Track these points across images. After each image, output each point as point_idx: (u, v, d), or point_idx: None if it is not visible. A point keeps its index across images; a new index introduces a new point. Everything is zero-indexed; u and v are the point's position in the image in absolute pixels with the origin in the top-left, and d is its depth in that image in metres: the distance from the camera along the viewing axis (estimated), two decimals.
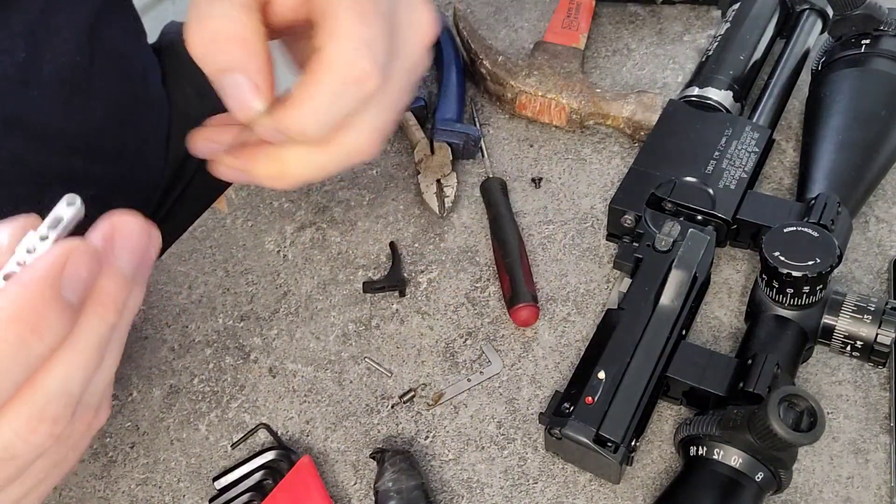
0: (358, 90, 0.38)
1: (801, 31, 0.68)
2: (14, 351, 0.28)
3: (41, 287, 0.28)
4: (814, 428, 0.42)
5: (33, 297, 0.28)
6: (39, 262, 0.28)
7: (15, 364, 0.28)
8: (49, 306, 0.28)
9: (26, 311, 0.28)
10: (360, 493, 0.53)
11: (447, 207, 0.63)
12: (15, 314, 0.27)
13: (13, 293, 0.28)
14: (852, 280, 0.58)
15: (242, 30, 0.39)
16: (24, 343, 0.28)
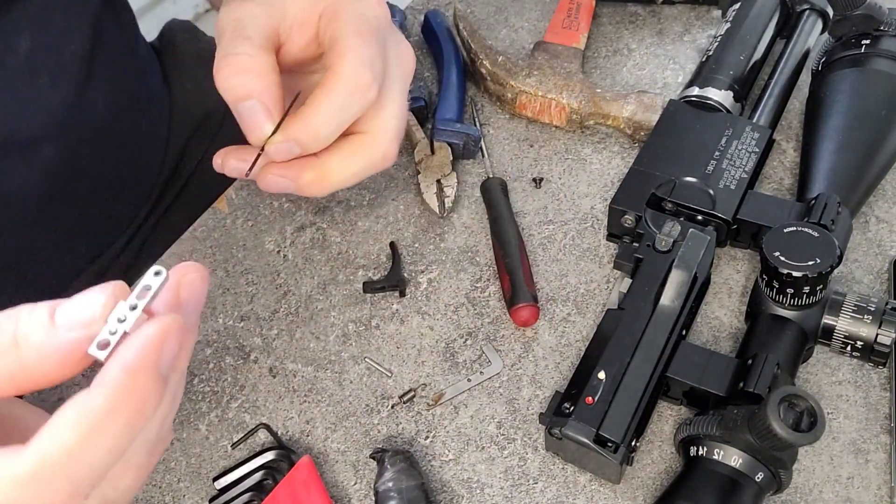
0: (361, 98, 0.46)
1: (801, 31, 0.68)
2: (123, 434, 0.30)
3: (147, 373, 0.30)
4: (814, 428, 0.42)
5: (140, 383, 0.30)
6: (141, 344, 0.30)
7: (124, 444, 0.30)
8: (153, 390, 0.30)
9: (135, 398, 0.30)
10: (360, 493, 0.53)
11: (447, 207, 0.63)
12: (125, 402, 0.29)
13: (120, 380, 0.29)
14: (852, 280, 0.58)
15: (260, 65, 0.47)
16: (131, 427, 0.30)
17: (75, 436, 0.29)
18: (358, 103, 0.47)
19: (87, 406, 0.29)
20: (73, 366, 0.30)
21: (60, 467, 0.29)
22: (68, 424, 0.29)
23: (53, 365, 0.30)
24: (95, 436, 0.29)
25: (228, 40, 0.48)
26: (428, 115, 0.70)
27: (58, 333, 0.30)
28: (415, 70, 0.54)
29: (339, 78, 0.46)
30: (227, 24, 0.49)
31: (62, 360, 0.30)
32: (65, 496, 0.29)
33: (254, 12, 0.49)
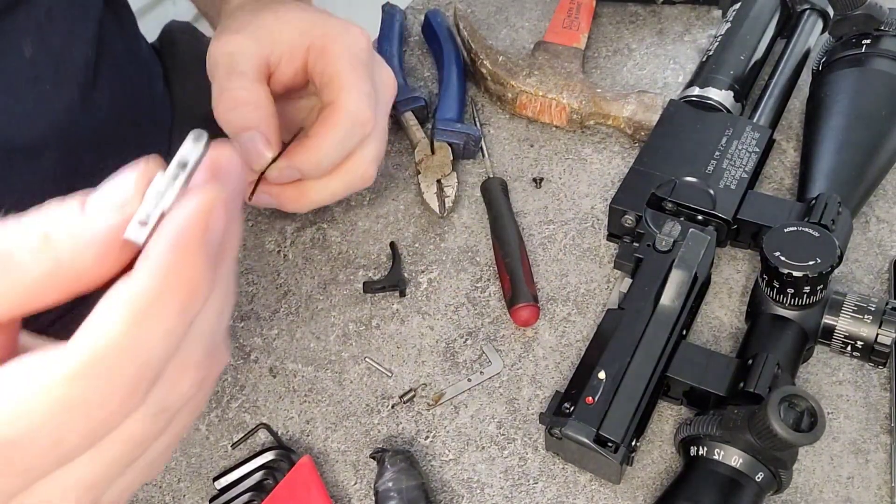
0: (361, 131, 0.52)
1: (801, 31, 0.67)
2: (177, 321, 0.27)
3: (195, 250, 0.26)
4: (814, 428, 0.42)
5: (189, 260, 0.26)
6: (185, 217, 0.26)
7: (179, 332, 0.27)
8: (204, 269, 0.27)
9: (185, 278, 0.26)
10: (361, 493, 0.53)
11: (447, 207, 0.63)
12: (175, 283, 0.26)
13: (166, 258, 0.26)
14: (853, 280, 0.58)
15: (256, 98, 0.51)
16: (184, 312, 0.27)
17: (125, 324, 0.26)
18: (358, 136, 0.52)
19: (134, 291, 0.26)
20: (112, 257, 0.27)
21: (113, 360, 0.25)
22: (116, 312, 0.26)
23: (91, 259, 0.26)
24: (147, 322, 0.26)
25: (224, 76, 0.52)
26: (428, 115, 0.70)
27: (90, 221, 0.26)
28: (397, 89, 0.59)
29: (341, 114, 0.51)
30: (219, 58, 0.53)
31: (100, 252, 0.26)
32: (120, 394, 0.26)
33: (245, 46, 0.52)
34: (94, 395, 0.25)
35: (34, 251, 0.26)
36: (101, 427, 0.26)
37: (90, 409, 0.26)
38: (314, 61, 0.53)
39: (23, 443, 0.25)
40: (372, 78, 0.53)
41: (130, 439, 0.28)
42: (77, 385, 0.25)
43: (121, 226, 0.27)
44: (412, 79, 0.74)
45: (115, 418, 0.27)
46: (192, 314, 0.27)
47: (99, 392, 0.26)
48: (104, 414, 0.26)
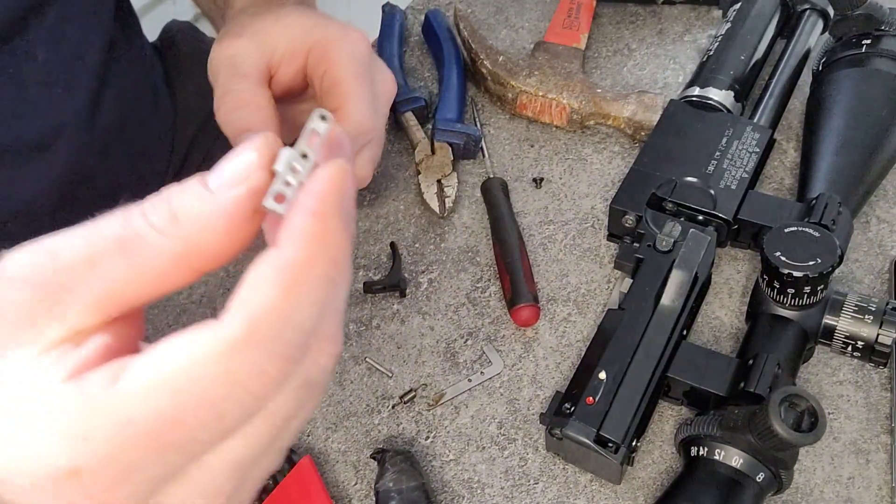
0: (363, 138, 0.51)
1: (801, 31, 0.67)
2: (324, 289, 0.27)
3: (337, 219, 0.27)
4: (815, 428, 0.42)
5: (332, 229, 0.27)
6: (324, 187, 0.27)
7: (326, 300, 0.27)
8: (344, 238, 0.27)
9: (330, 247, 0.26)
10: (361, 494, 0.53)
11: (448, 207, 0.63)
12: (321, 252, 0.26)
13: (312, 228, 0.26)
14: (853, 280, 0.58)
15: (258, 99, 0.50)
16: (330, 280, 0.27)
17: (280, 292, 0.25)
18: (359, 144, 0.52)
19: (283, 260, 0.26)
20: (240, 230, 0.27)
21: (271, 327, 0.25)
22: (269, 282, 0.26)
23: (220, 233, 0.27)
24: (299, 291, 0.26)
25: (225, 78, 0.51)
26: (428, 115, 0.70)
27: (217, 196, 0.27)
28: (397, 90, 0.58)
29: (346, 122, 0.51)
30: (221, 61, 0.52)
31: (229, 225, 0.27)
32: (279, 363, 0.26)
33: (246, 48, 0.52)
34: (254, 366, 0.25)
35: (163, 234, 0.26)
36: (259, 399, 0.26)
37: (251, 379, 0.25)
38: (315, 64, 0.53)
39: (186, 417, 0.25)
40: (373, 83, 0.53)
41: (277, 414, 0.27)
42: (238, 356, 0.25)
43: (248, 199, 0.27)
44: (412, 79, 0.74)
45: (272, 389, 0.26)
46: (335, 283, 0.27)
47: (259, 362, 0.25)
48: (264, 384, 0.26)
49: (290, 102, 0.58)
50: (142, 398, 0.25)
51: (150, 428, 0.25)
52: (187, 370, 0.25)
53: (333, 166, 0.27)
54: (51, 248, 0.27)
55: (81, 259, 0.26)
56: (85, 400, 0.25)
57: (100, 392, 0.25)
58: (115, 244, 0.26)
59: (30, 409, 0.25)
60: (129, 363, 0.26)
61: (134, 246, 0.26)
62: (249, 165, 0.27)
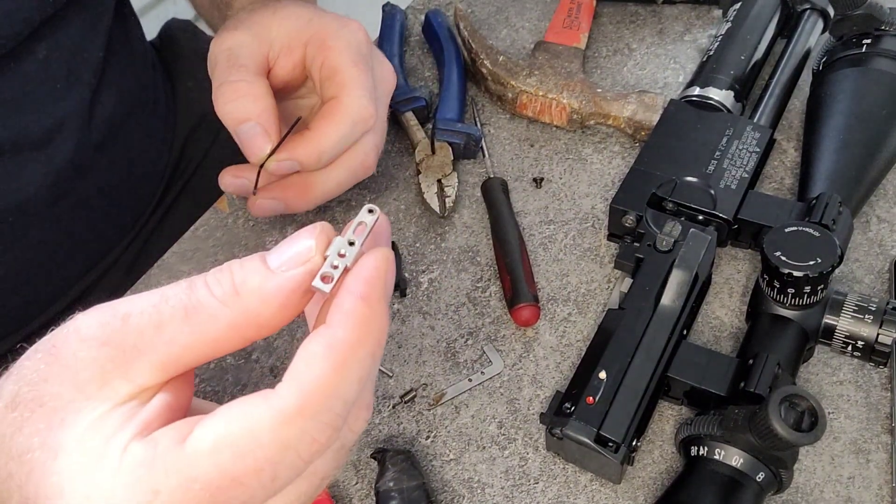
0: (363, 127, 0.52)
1: (802, 31, 0.67)
2: (368, 366, 0.30)
3: (382, 303, 0.30)
4: (815, 428, 0.42)
5: (378, 312, 0.30)
6: (371, 274, 0.30)
7: (369, 376, 0.30)
8: (386, 320, 0.30)
9: (375, 328, 0.29)
10: (361, 493, 0.53)
11: (448, 207, 0.63)
12: (367, 332, 0.29)
13: (360, 310, 0.29)
14: (853, 280, 0.58)
15: (256, 90, 0.51)
16: (374, 357, 0.30)
17: (330, 368, 0.28)
18: (360, 132, 0.52)
19: (335, 339, 0.29)
20: (293, 306, 0.30)
21: (322, 400, 0.28)
22: (320, 358, 0.29)
23: (276, 307, 0.30)
24: (347, 368, 0.29)
25: (223, 69, 0.52)
26: (429, 115, 0.70)
27: (276, 275, 0.30)
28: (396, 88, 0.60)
29: (344, 110, 0.51)
30: (219, 54, 0.53)
31: (284, 301, 0.30)
32: (329, 430, 0.29)
33: (244, 41, 0.53)
34: (306, 434, 0.28)
35: (225, 304, 0.29)
36: (307, 463, 0.29)
37: (302, 445, 0.28)
38: (312, 56, 0.54)
39: (246, 478, 0.28)
40: (372, 72, 0.53)
41: (317, 474, 0.31)
42: (292, 425, 0.28)
43: (303, 279, 0.30)
44: (412, 79, 0.74)
45: (319, 454, 0.29)
46: (378, 359, 0.30)
47: (310, 430, 0.28)
48: (312, 451, 0.29)
49: (288, 96, 0.58)
50: (207, 458, 0.27)
51: (214, 486, 0.27)
52: (248, 436, 0.28)
53: (380, 254, 0.31)
54: (121, 311, 0.30)
55: (150, 323, 0.29)
56: (155, 456, 0.28)
57: (169, 450, 0.28)
58: (180, 311, 0.29)
59: (104, 461, 0.28)
60: (195, 425, 0.28)
61: (197, 314, 0.29)
62: (308, 251, 0.30)
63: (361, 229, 0.31)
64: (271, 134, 0.51)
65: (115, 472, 0.27)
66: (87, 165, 0.65)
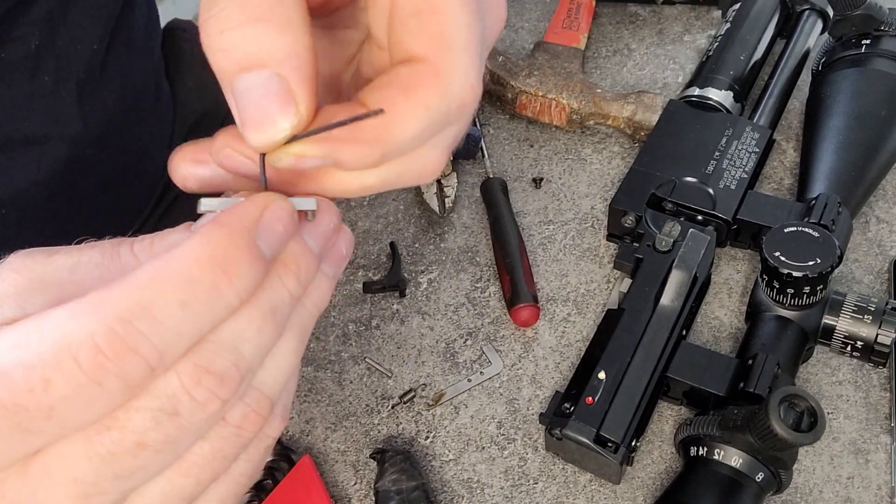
0: (458, 114, 0.30)
1: (801, 32, 0.68)
2: (206, 294, 0.25)
3: (236, 230, 0.26)
4: (814, 428, 0.42)
5: (228, 238, 0.26)
6: (237, 208, 0.27)
7: (205, 309, 0.25)
8: (242, 252, 0.26)
9: (220, 253, 0.26)
10: (361, 494, 0.53)
11: (447, 207, 0.63)
12: (210, 254, 0.25)
13: (209, 234, 0.26)
14: (853, 280, 0.58)
15: (277, 9, 0.27)
16: (215, 286, 0.25)
17: (148, 276, 0.25)
18: (454, 118, 0.30)
19: (172, 253, 0.26)
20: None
21: (123, 304, 0.24)
22: (145, 267, 0.25)
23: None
24: (171, 282, 0.25)
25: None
26: None
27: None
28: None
29: (441, 86, 0.29)
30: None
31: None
32: (119, 346, 0.24)
33: None
34: (88, 338, 0.24)
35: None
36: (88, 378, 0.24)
37: (82, 351, 0.24)
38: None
39: (14, 373, 0.24)
40: (483, 19, 0.30)
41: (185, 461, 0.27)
42: (75, 321, 0.24)
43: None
44: None
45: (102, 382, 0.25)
46: (221, 292, 0.26)
47: (94, 335, 0.24)
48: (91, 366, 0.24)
49: (330, 28, 0.34)
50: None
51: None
52: (31, 331, 0.24)
53: (258, 197, 0.28)
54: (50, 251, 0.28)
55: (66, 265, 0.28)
56: None
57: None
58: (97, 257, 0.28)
59: None
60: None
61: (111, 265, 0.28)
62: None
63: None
64: (300, 96, 0.28)
65: None
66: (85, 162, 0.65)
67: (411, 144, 0.30)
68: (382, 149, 0.29)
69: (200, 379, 0.26)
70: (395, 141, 0.29)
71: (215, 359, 0.26)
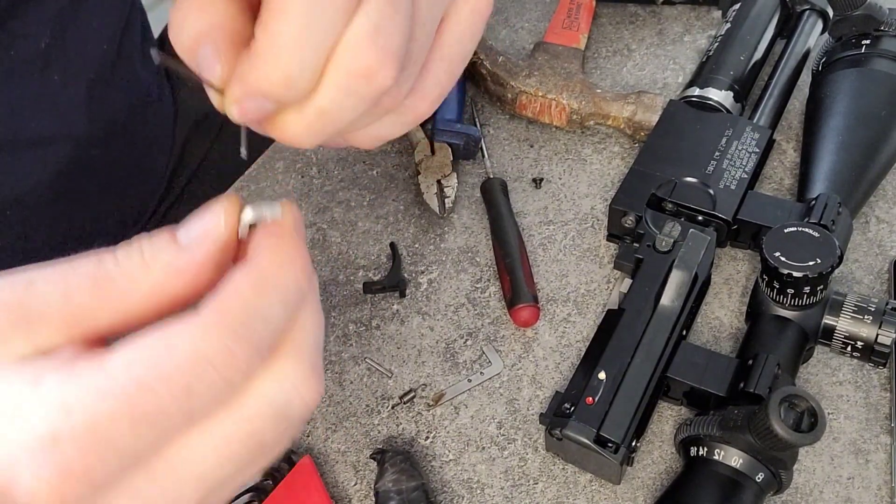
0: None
1: (801, 32, 0.67)
2: (295, 296, 0.29)
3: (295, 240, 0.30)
4: (814, 428, 0.42)
5: (293, 247, 0.30)
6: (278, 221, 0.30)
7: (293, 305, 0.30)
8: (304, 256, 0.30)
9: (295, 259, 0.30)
10: (361, 494, 0.53)
11: (447, 208, 0.63)
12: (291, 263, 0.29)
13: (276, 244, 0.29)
14: (853, 280, 0.58)
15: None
16: (298, 287, 0.29)
17: (250, 287, 0.28)
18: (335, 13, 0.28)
19: (253, 264, 0.29)
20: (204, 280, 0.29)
21: (241, 316, 0.28)
22: (240, 281, 0.28)
23: (186, 282, 0.29)
24: (269, 288, 0.28)
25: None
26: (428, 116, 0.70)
27: (186, 250, 0.29)
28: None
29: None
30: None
31: (194, 276, 0.29)
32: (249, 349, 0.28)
33: None
34: (224, 348, 0.27)
35: (133, 278, 0.29)
36: (226, 382, 0.27)
37: (219, 359, 0.27)
38: None
39: (160, 386, 0.26)
40: None
41: (254, 436, 0.29)
42: (208, 336, 0.27)
43: (213, 253, 0.29)
44: None
45: (240, 376, 0.28)
46: (303, 294, 0.29)
47: (228, 345, 0.27)
48: (231, 367, 0.27)
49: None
50: (122, 371, 0.26)
51: (127, 396, 0.26)
52: (163, 347, 0.27)
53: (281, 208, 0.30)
54: (27, 278, 0.29)
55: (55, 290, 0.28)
56: (70, 375, 0.26)
57: (85, 369, 0.26)
58: (87, 281, 0.28)
59: (12, 388, 0.26)
60: (110, 349, 0.27)
61: (106, 286, 0.28)
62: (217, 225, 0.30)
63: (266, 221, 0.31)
64: (222, 51, 0.30)
65: (24, 394, 0.26)
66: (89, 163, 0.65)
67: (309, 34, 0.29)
68: (280, 59, 0.29)
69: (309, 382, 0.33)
70: (286, 38, 0.29)
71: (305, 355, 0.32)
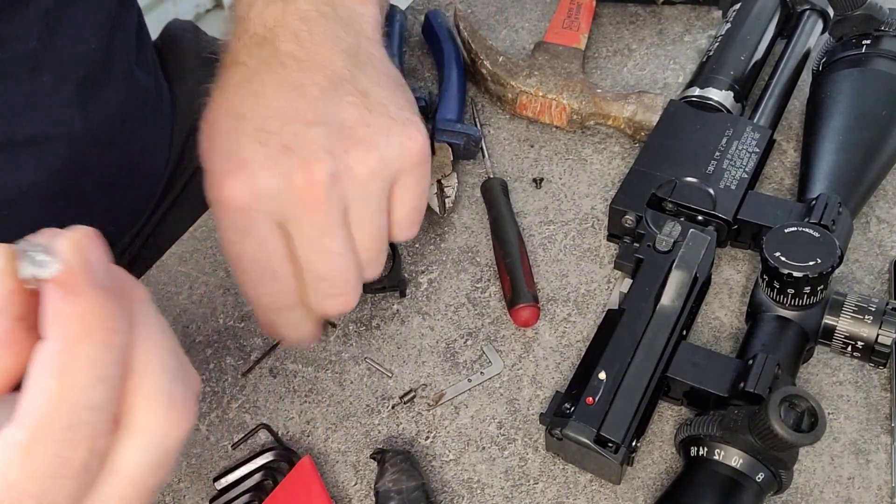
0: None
1: (801, 32, 0.67)
2: (108, 359, 0.27)
3: (90, 291, 0.28)
4: (814, 428, 0.42)
5: (89, 302, 0.28)
6: (68, 267, 0.28)
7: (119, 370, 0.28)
8: (104, 302, 0.28)
9: (95, 320, 0.28)
10: (361, 494, 0.53)
11: (448, 207, 0.63)
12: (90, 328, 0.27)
13: (68, 311, 0.27)
14: (853, 280, 0.58)
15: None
16: (109, 347, 0.28)
17: (53, 381, 0.26)
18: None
19: (46, 349, 0.26)
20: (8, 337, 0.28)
21: (59, 416, 0.26)
22: (40, 375, 0.26)
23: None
24: (73, 371, 0.26)
25: None
26: (428, 116, 0.70)
27: None
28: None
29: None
30: None
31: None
32: (86, 442, 0.26)
33: None
34: (57, 456, 0.26)
35: None
36: (78, 482, 0.26)
37: (58, 468, 0.26)
38: None
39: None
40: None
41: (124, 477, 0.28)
42: (37, 455, 0.25)
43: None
44: (412, 79, 0.74)
45: (89, 469, 0.27)
46: (120, 346, 0.27)
47: (61, 452, 0.26)
48: (76, 468, 0.26)
49: None
50: None
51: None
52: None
53: (68, 242, 0.28)
54: None
55: None
56: None
57: None
58: None
59: None
60: None
61: None
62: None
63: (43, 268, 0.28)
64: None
65: None
66: (85, 163, 0.65)
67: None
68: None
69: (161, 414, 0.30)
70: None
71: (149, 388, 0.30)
